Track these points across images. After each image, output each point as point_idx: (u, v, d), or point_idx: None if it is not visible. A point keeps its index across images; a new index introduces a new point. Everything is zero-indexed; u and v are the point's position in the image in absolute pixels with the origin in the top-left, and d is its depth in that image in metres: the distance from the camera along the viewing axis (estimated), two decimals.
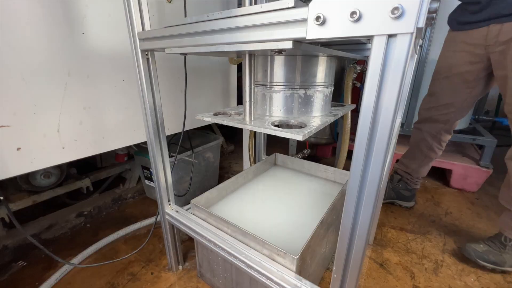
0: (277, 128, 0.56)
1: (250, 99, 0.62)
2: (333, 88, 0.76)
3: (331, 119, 0.67)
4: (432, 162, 1.31)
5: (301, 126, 0.60)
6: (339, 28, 0.35)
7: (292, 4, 0.38)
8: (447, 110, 1.15)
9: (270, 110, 0.70)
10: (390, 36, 0.32)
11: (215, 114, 0.71)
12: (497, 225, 1.04)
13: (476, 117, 2.33)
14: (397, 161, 1.45)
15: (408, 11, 0.30)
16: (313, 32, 0.37)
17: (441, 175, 1.83)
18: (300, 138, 0.50)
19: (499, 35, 0.91)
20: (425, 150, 1.28)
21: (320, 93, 0.70)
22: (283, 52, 0.53)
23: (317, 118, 0.68)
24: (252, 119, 0.64)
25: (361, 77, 1.79)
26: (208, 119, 0.67)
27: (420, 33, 0.33)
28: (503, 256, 0.99)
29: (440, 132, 1.21)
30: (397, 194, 1.42)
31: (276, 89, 0.67)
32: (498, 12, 0.89)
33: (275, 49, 0.43)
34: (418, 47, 0.88)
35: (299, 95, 0.67)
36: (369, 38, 0.34)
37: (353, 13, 0.33)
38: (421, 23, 0.30)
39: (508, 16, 0.88)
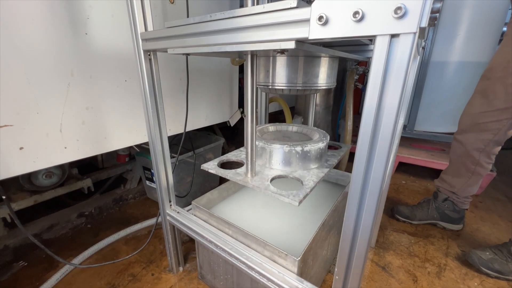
0: (275, 190, 0.59)
1: (251, 155, 0.64)
2: (327, 145, 0.78)
3: (325, 171, 0.71)
4: (482, 178, 1.11)
5: (298, 179, 0.65)
6: (341, 28, 0.35)
7: (294, 4, 0.38)
8: (500, 117, 0.97)
9: (270, 163, 0.72)
10: (393, 36, 0.32)
11: (220, 164, 0.75)
12: (501, 229, 1.02)
13: None
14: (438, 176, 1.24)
15: (411, 11, 0.29)
16: (316, 32, 0.37)
17: None
18: (296, 203, 0.54)
19: None
20: (471, 167, 1.08)
21: (316, 149, 0.72)
22: (285, 53, 0.54)
23: (314, 170, 0.71)
24: (254, 175, 0.67)
25: (363, 78, 1.79)
26: (213, 172, 0.71)
27: (423, 33, 0.33)
28: (508, 266, 0.96)
29: (488, 144, 1.03)
30: (442, 215, 1.23)
31: (275, 145, 0.70)
32: None
33: (277, 49, 0.43)
34: (421, 48, 0.87)
35: (297, 151, 0.69)
36: (372, 39, 0.34)
37: (355, 13, 0.33)
38: (424, 23, 0.29)
39: None
